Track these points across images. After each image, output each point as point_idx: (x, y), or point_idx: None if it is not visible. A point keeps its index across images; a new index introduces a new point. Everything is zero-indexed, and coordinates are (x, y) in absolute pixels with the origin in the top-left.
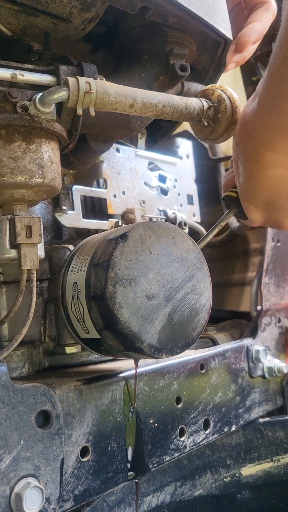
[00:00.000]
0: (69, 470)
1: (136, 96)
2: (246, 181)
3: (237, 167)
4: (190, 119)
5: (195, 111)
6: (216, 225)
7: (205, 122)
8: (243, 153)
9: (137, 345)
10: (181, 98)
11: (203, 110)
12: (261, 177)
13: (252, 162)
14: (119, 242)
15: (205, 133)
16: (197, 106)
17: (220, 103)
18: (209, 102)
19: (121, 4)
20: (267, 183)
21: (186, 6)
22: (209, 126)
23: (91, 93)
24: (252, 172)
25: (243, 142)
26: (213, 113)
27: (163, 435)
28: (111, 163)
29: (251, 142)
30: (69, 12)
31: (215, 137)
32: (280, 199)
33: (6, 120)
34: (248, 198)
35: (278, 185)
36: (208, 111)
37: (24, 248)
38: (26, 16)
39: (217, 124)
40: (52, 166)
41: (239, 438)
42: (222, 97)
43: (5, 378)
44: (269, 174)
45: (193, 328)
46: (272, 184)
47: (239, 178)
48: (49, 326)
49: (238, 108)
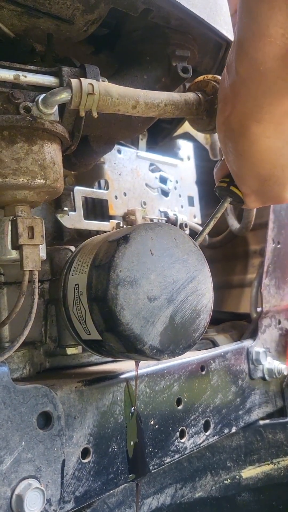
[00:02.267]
0: (70, 471)
1: (139, 97)
2: (238, 160)
3: (226, 148)
4: (191, 114)
5: (194, 106)
6: (211, 217)
7: (204, 116)
8: (230, 131)
9: (139, 347)
10: (180, 95)
11: (201, 103)
12: (252, 152)
13: (241, 138)
14: (120, 244)
15: (202, 125)
16: (195, 101)
17: (215, 93)
18: (205, 95)
19: (123, 6)
20: (259, 157)
21: (189, 8)
22: (208, 117)
23: (93, 94)
24: (243, 149)
25: (228, 119)
26: (209, 105)
27: (164, 436)
28: (112, 165)
29: (236, 116)
30: (72, 14)
31: (212, 127)
32: (276, 171)
33: (8, 121)
34: (242, 179)
35: (272, 157)
36: (206, 104)
37: (26, 249)
38: (29, 18)
39: (214, 116)
40: (54, 167)
41: (239, 440)
42: (216, 88)
43: (6, 379)
44: (260, 148)
45: (194, 329)
46: (265, 158)
47: (230, 158)
48: (50, 327)
49: None
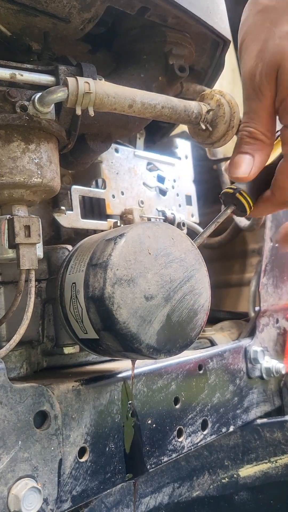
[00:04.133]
0: (67, 470)
1: (135, 96)
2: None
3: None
4: (188, 122)
5: (193, 114)
6: (213, 222)
7: (203, 125)
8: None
9: (136, 346)
10: (180, 101)
11: (201, 113)
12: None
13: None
14: (117, 243)
15: (202, 137)
16: (196, 109)
17: (219, 107)
18: (208, 106)
19: (120, 4)
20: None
21: (185, 7)
22: (207, 130)
23: (90, 93)
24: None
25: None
26: (212, 118)
27: (161, 435)
28: (109, 164)
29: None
30: (68, 12)
31: (212, 141)
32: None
33: (5, 120)
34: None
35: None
36: (207, 115)
37: (23, 248)
38: (25, 16)
39: (215, 129)
40: (51, 166)
41: (237, 439)
42: (221, 102)
43: (3, 378)
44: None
45: (191, 328)
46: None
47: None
48: (47, 327)
49: (237, 113)
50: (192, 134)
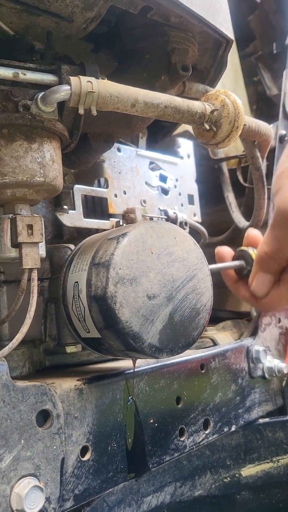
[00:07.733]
0: (69, 469)
1: (138, 96)
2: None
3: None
4: (192, 122)
5: (197, 114)
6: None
7: (207, 126)
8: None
9: (138, 345)
10: (184, 100)
11: (205, 113)
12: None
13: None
14: (120, 242)
15: (206, 138)
16: (200, 109)
17: (223, 108)
18: (212, 106)
19: (123, 4)
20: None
21: (188, 6)
22: (211, 130)
23: (93, 92)
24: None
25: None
26: (216, 118)
27: (163, 435)
28: (112, 163)
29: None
30: (71, 12)
31: (216, 142)
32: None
33: (8, 119)
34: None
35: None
36: (211, 115)
37: (25, 247)
38: (28, 15)
39: (219, 129)
40: (54, 165)
41: (239, 439)
42: (225, 102)
43: (5, 377)
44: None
45: (193, 328)
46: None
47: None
48: (49, 326)
49: (241, 114)
50: (196, 134)
